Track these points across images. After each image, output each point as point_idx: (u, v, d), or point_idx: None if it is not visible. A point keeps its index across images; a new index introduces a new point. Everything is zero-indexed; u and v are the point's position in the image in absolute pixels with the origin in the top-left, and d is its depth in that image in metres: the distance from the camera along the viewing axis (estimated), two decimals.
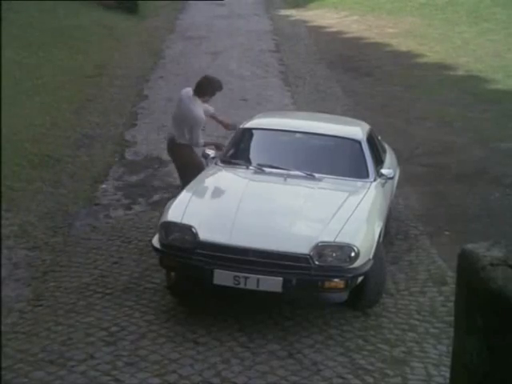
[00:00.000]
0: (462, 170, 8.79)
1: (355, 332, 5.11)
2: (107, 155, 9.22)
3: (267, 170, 6.14)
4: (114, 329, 5.06)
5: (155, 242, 5.35)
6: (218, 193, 5.94)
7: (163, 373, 4.54)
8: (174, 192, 7.91)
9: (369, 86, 13.20)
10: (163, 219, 5.37)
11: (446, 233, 7.03)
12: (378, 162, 6.52)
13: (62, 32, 15.86)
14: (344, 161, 6.43)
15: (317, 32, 18.44)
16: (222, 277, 5.00)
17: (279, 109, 11.28)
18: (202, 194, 5.77)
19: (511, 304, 2.28)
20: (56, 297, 5.57)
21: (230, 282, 4.99)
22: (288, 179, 5.95)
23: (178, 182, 8.16)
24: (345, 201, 5.61)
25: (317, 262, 4.94)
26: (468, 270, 2.69)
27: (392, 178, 6.34)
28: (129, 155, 9.24)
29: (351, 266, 4.98)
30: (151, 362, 4.66)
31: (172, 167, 8.72)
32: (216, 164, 6.42)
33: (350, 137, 6.49)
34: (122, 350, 4.79)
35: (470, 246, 2.81)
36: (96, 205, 7.61)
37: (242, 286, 4.97)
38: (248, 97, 12.20)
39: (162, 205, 7.68)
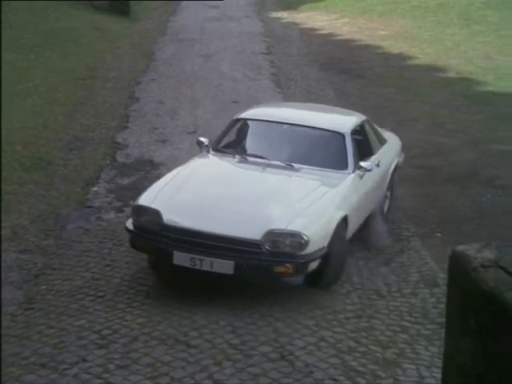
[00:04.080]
0: (454, 171, 8.82)
1: (347, 334, 5.12)
2: (99, 158, 9.20)
3: (251, 159, 6.48)
4: (105, 332, 5.05)
5: (129, 224, 5.79)
6: (194, 179, 6.22)
7: (155, 375, 4.53)
8: None
9: (361, 87, 13.22)
10: (135, 202, 5.86)
11: (438, 234, 7.05)
12: (367, 153, 6.75)
13: (53, 34, 15.83)
14: (326, 152, 6.62)
15: (308, 34, 18.46)
16: (180, 258, 5.41)
17: None
18: (179, 180, 6.09)
19: (503, 305, 2.29)
20: (48, 300, 5.55)
21: (187, 263, 5.39)
22: (267, 168, 6.27)
23: None
24: (313, 190, 5.93)
25: (268, 248, 5.27)
26: (459, 272, 2.70)
27: (370, 171, 6.43)
28: (120, 158, 9.22)
29: (301, 253, 5.29)
30: (143, 364, 4.65)
31: (164, 170, 8.73)
32: (208, 152, 6.77)
33: (335, 129, 6.70)
34: (114, 353, 4.77)
35: (461, 248, 2.82)
36: (88, 207, 7.59)
37: (198, 267, 5.36)
38: (240, 99, 12.20)
39: None
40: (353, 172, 6.30)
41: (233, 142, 7.07)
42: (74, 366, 4.62)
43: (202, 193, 5.93)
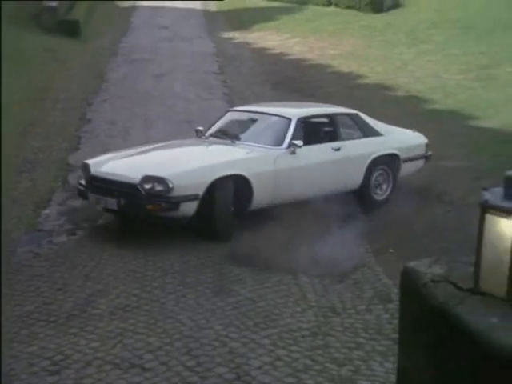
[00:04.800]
0: (406, 187, 8.94)
1: (303, 352, 5.11)
2: (50, 180, 9.08)
3: (211, 138, 8.17)
4: (58, 358, 4.94)
5: (80, 179, 7.64)
6: (144, 147, 8.08)
7: None
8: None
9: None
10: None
11: (391, 250, 7.13)
12: (329, 138, 8.14)
13: (4, 55, 15.58)
14: (272, 133, 7.91)
15: (260, 54, 18.62)
16: (91, 198, 7.29)
17: None
18: (134, 148, 8.08)
19: (453, 320, 2.32)
20: None
21: (94, 202, 7.29)
22: (212, 144, 7.99)
23: None
24: (224, 155, 7.50)
25: (143, 189, 6.82)
26: (410, 288, 2.73)
27: (300, 147, 7.57)
28: (72, 180, 9.10)
29: (169, 195, 6.75)
30: None
31: None
32: (198, 137, 8.37)
33: (284, 115, 8.02)
34: (67, 379, 4.66)
35: (411, 264, 2.85)
36: (39, 231, 7.46)
37: (100, 204, 7.22)
38: (192, 119, 12.21)
39: (107, 229, 7.60)
40: (286, 148, 7.58)
41: (214, 127, 8.53)
42: None
43: (131, 154, 7.72)
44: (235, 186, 7.15)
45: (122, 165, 7.37)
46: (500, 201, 2.46)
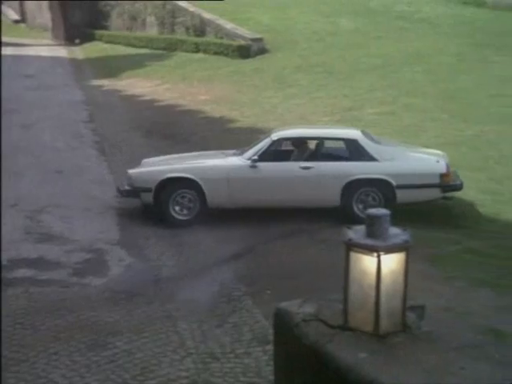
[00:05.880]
0: (281, 228, 9.06)
1: None
2: None
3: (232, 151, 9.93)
4: None
5: None
6: (177, 156, 10.60)
7: None
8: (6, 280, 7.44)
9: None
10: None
11: (268, 292, 7.18)
12: (302, 157, 9.33)
13: None
14: (253, 149, 9.41)
15: (130, 101, 18.50)
16: None
17: (97, 179, 11.13)
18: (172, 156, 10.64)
19: (324, 358, 2.35)
20: None
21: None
22: (216, 155, 10.00)
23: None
24: (188, 162, 9.84)
25: (127, 180, 9.59)
26: (283, 328, 2.75)
27: (255, 161, 9.12)
28: None
29: (133, 185, 9.39)
30: None
31: None
32: None
33: (269, 135, 9.67)
34: None
35: (283, 304, 2.88)
36: None
37: None
38: (63, 168, 11.91)
39: None
40: (250, 162, 9.17)
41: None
42: None
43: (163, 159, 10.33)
44: (190, 187, 9.19)
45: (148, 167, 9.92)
46: (363, 238, 2.55)
